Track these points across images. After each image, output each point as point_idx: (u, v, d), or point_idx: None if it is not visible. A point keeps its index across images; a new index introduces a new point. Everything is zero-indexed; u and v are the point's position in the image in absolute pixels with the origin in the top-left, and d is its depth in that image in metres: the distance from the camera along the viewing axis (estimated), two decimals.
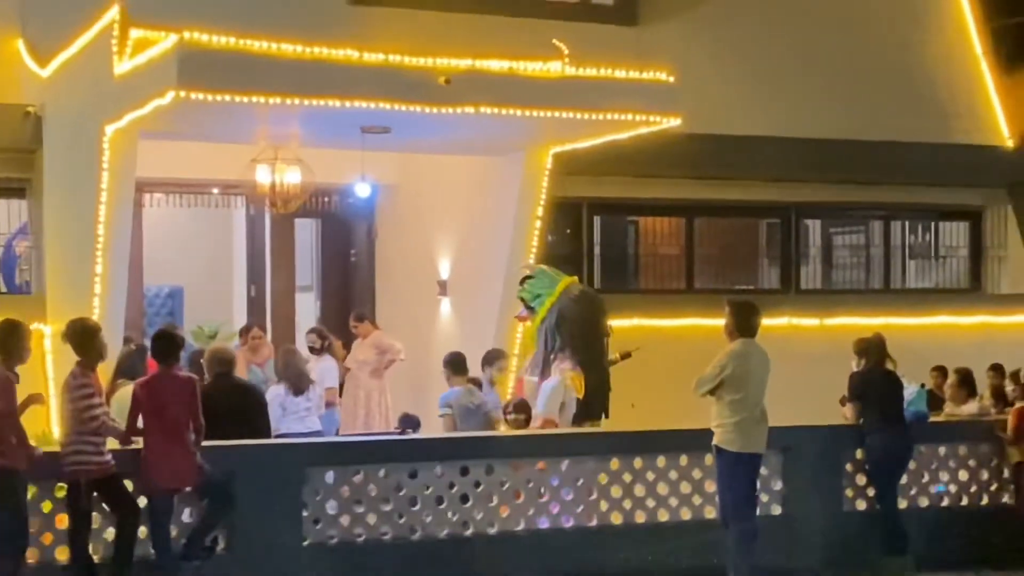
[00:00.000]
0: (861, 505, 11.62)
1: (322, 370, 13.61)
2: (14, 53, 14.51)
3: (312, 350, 13.98)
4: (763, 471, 10.77)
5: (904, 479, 11.63)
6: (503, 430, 11.51)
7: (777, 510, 11.30)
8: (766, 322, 10.53)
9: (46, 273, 14.38)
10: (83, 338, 9.35)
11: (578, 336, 11.59)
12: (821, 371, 12.66)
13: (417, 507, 10.37)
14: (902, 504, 11.58)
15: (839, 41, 17.52)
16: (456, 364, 11.91)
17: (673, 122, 12.96)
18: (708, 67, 16.21)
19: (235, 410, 10.44)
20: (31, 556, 9.21)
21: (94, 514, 9.36)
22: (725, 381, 9.98)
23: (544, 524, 10.71)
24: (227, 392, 10.58)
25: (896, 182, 17.82)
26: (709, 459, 10.60)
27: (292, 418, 11.93)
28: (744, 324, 10.14)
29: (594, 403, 11.61)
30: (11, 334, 9.09)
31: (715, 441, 10.10)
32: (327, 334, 14.24)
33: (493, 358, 12.41)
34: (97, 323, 9.93)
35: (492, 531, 10.56)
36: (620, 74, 12.64)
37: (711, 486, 10.86)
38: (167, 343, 9.66)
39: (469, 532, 10.49)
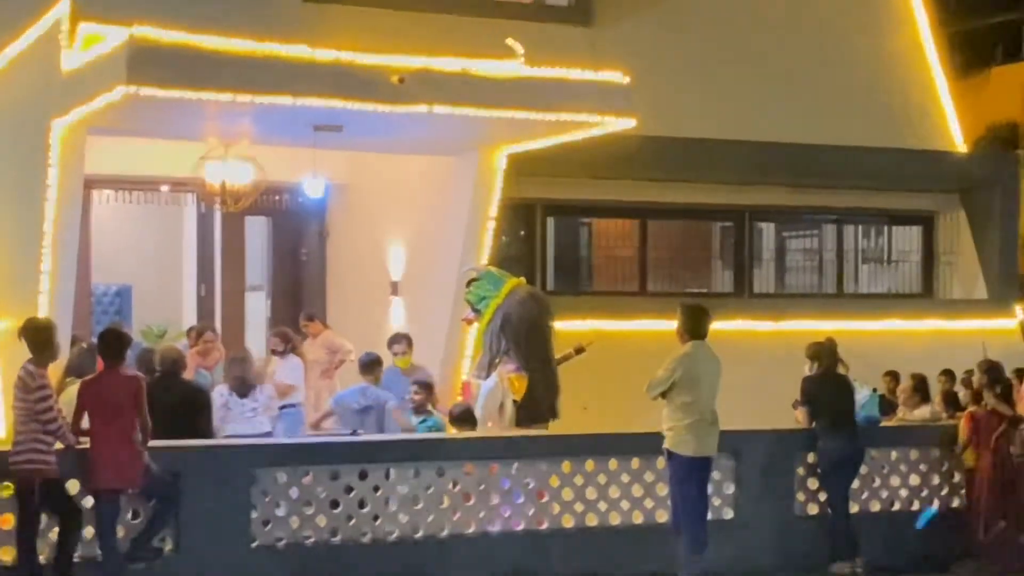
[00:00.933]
0: (813, 509, 11.67)
1: (286, 368, 13.55)
2: None
3: (274, 352, 13.91)
4: (715, 475, 10.81)
5: (855, 483, 11.69)
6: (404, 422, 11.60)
7: (729, 514, 11.34)
8: (719, 325, 10.56)
9: None
10: (40, 336, 9.27)
11: (523, 338, 11.56)
12: (773, 375, 12.73)
13: (367, 509, 10.33)
14: (853, 508, 11.65)
15: (793, 45, 17.63)
16: (362, 364, 12.06)
17: (627, 123, 12.98)
18: (663, 69, 16.26)
19: (179, 410, 10.40)
20: None
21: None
22: (676, 384, 10.01)
23: (495, 527, 10.69)
24: (172, 392, 10.54)
25: (849, 186, 17.94)
26: (661, 462, 10.62)
27: (238, 420, 11.86)
28: (695, 327, 10.18)
29: (541, 405, 11.59)
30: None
31: (666, 444, 10.12)
32: (291, 336, 14.11)
33: (391, 342, 12.64)
34: (52, 322, 9.81)
35: (443, 534, 10.53)
36: (574, 75, 12.65)
37: (663, 489, 10.87)
38: (113, 342, 9.59)
39: (419, 535, 10.45)
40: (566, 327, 12.64)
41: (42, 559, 9.24)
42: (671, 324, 10.44)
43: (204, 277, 17.86)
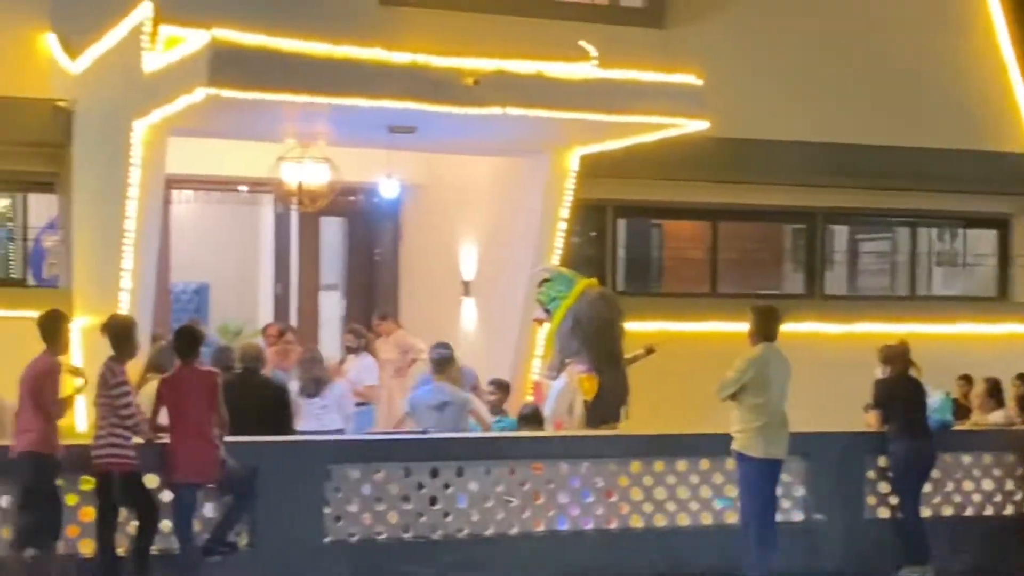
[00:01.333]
0: (883, 513, 11.59)
1: (361, 368, 13.67)
2: (45, 47, 14.61)
3: (349, 349, 14.01)
4: (785, 477, 10.76)
5: (927, 488, 11.60)
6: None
7: (798, 516, 11.29)
8: (790, 328, 10.55)
9: (74, 267, 14.48)
10: (122, 333, 9.45)
11: (593, 339, 11.59)
12: (845, 377, 12.64)
13: (437, 506, 10.40)
14: (925, 513, 11.54)
15: (867, 46, 17.48)
16: (435, 363, 11.99)
17: (700, 125, 12.95)
18: (736, 70, 16.18)
19: (259, 406, 10.49)
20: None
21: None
22: (746, 385, 9.99)
23: (564, 526, 10.72)
24: (253, 387, 10.64)
25: (924, 189, 17.74)
26: (730, 463, 10.60)
27: (308, 417, 11.99)
28: (766, 329, 10.15)
29: (611, 406, 11.61)
30: (54, 323, 9.27)
31: (735, 446, 10.10)
32: (364, 332, 14.25)
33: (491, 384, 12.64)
34: (134, 319, 10.00)
35: (512, 532, 10.58)
36: (647, 76, 12.64)
37: (732, 491, 10.86)
38: (188, 339, 9.75)
39: (489, 532, 10.51)
40: (636, 328, 12.64)
41: (120, 552, 9.40)
42: (741, 326, 10.41)
43: (280, 276, 18.03)
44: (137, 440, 9.33)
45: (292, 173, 14.01)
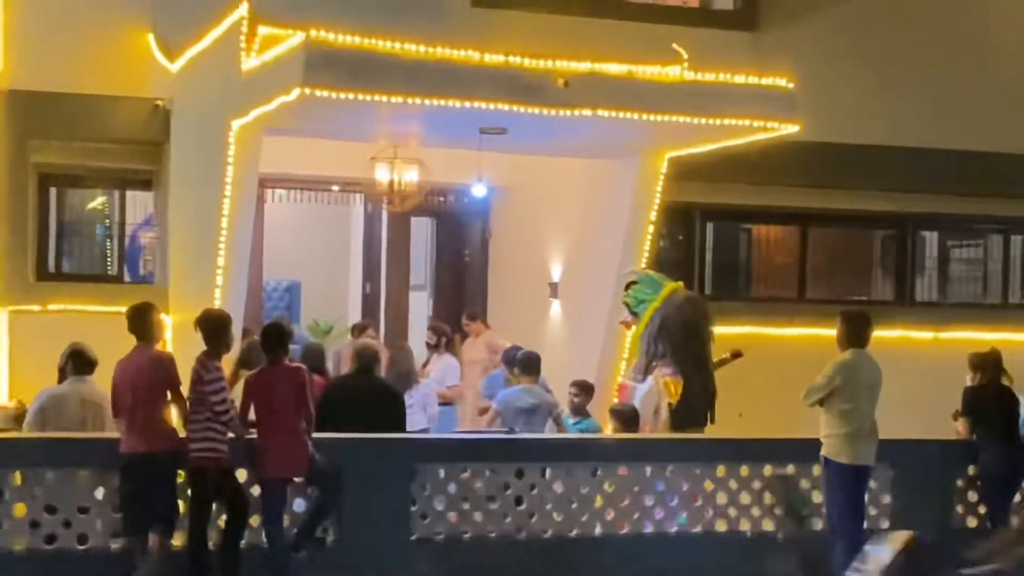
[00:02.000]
0: (972, 522, 11.40)
1: (444, 368, 13.69)
2: (144, 47, 14.81)
3: (428, 346, 14.03)
4: (872, 484, 10.64)
5: (1016, 497, 11.38)
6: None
7: (885, 524, 11.11)
8: (879, 334, 10.39)
9: (169, 264, 14.67)
10: (217, 328, 9.53)
11: (680, 342, 11.53)
12: (934, 385, 12.45)
13: (523, 506, 10.38)
14: (1014, 523, 11.33)
15: (961, 50, 17.17)
16: (522, 363, 11.97)
17: (791, 129, 12.82)
18: (828, 74, 15.98)
19: (367, 408, 10.52)
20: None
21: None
22: (835, 391, 9.88)
23: (648, 528, 10.66)
24: (364, 390, 10.66)
25: (1017, 195, 17.42)
26: (817, 469, 10.49)
27: None
28: (856, 335, 10.03)
29: (697, 409, 11.53)
30: (142, 315, 9.42)
31: (823, 452, 10.00)
32: (445, 330, 14.27)
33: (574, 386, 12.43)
34: (228, 314, 10.06)
35: (596, 533, 10.54)
36: (739, 80, 12.53)
37: (818, 497, 10.69)
38: (276, 336, 9.78)
39: (573, 533, 10.48)
40: (723, 332, 12.54)
41: (210, 545, 9.49)
42: (829, 331, 10.32)
43: (370, 275, 18.13)
44: (229, 435, 9.43)
45: (383, 173, 14.08)
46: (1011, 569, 8.16)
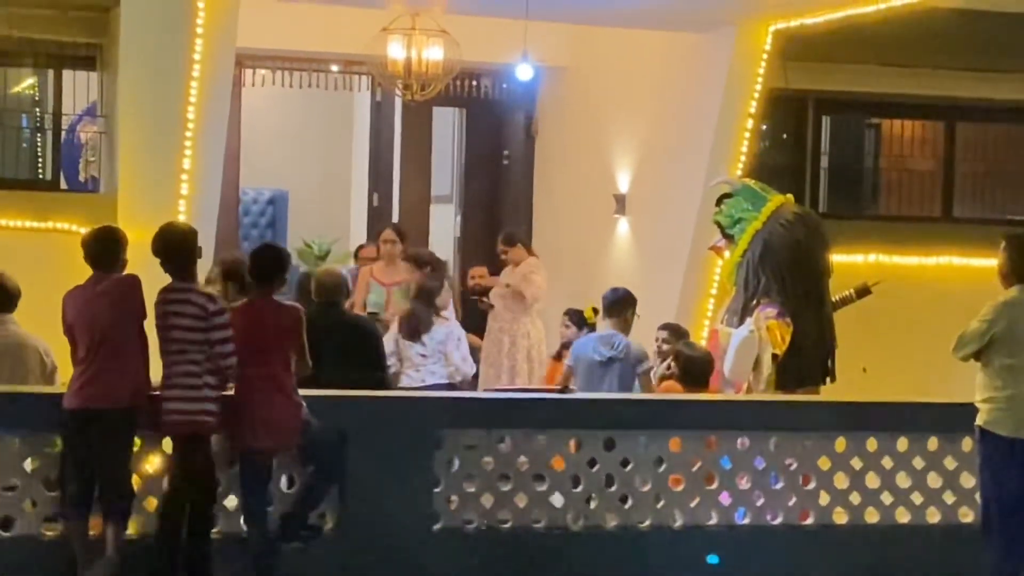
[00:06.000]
0: None
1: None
2: None
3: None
4: None
5: None
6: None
7: None
8: None
9: (118, 167, 14.62)
10: (183, 247, 9.36)
11: (789, 274, 11.44)
12: None
13: (579, 488, 10.36)
14: None
15: None
16: (607, 303, 12.00)
17: None
18: None
19: (339, 351, 10.58)
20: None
21: None
22: (995, 341, 9.77)
23: (742, 519, 10.65)
24: (330, 328, 10.68)
25: None
26: (969, 443, 10.43)
27: (409, 367, 12.05)
28: None
29: (811, 362, 11.48)
30: (108, 246, 9.31)
31: (979, 421, 9.90)
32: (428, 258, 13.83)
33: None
34: (194, 229, 9.79)
35: (676, 524, 10.52)
36: None
37: (969, 480, 10.70)
38: (273, 261, 9.64)
39: (645, 524, 10.46)
40: (844, 261, 12.51)
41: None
42: (986, 262, 10.27)
43: (378, 184, 18.16)
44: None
45: (398, 50, 14.01)
46: None
